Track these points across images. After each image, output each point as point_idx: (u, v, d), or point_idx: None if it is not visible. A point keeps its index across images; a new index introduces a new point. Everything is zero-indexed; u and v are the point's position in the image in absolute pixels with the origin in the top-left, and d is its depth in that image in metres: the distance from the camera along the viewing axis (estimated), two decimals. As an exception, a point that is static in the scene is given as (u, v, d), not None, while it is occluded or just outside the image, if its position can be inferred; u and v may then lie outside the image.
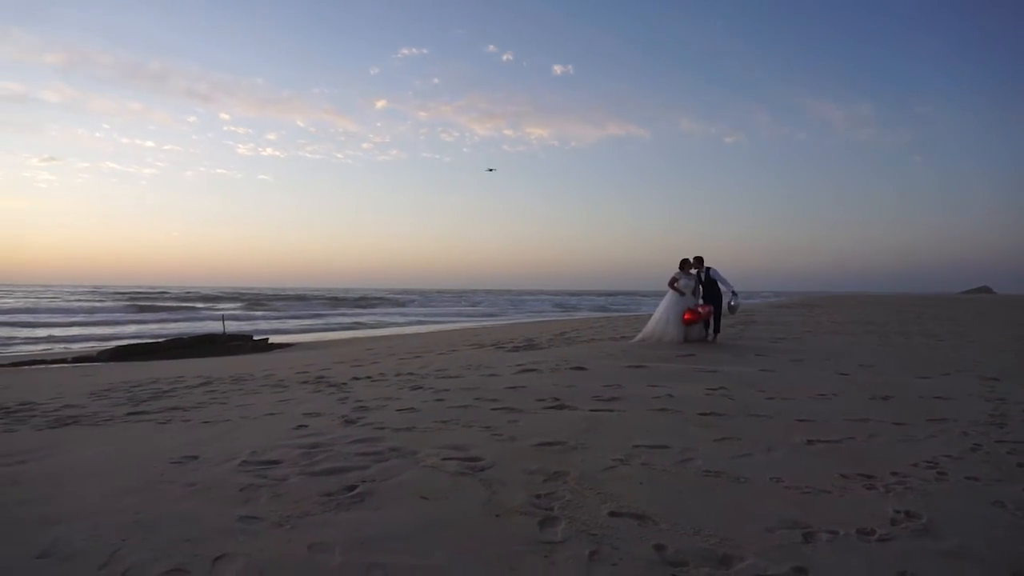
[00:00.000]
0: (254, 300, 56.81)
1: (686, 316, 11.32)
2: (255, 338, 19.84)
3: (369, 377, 8.10)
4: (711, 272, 11.79)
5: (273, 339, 20.38)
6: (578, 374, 7.71)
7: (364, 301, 62.35)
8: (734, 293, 12.02)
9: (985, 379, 7.73)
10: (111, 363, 14.48)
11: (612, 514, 3.01)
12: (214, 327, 23.76)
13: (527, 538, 2.74)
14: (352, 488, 3.40)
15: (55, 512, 3.08)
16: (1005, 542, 2.76)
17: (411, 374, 8.26)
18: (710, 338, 11.78)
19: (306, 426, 5.02)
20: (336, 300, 63.05)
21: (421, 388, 6.87)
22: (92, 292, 70.90)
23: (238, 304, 50.45)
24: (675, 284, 11.51)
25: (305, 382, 7.91)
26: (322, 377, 8.34)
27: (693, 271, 11.64)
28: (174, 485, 3.52)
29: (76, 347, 19.15)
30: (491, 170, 71.50)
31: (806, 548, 2.66)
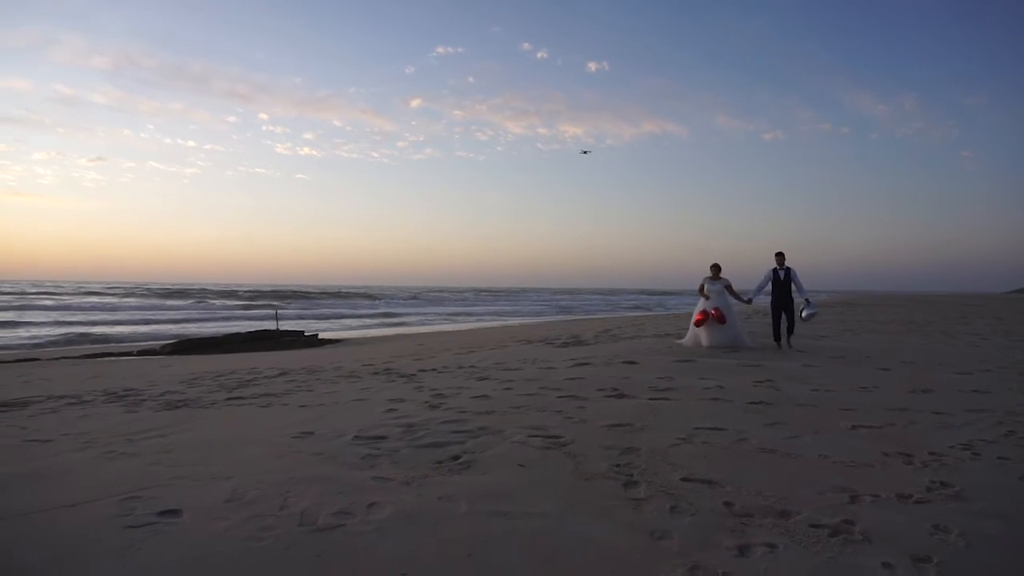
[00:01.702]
0: (293, 297, 58.27)
1: (697, 317, 11.04)
2: (306, 334, 20.73)
3: (434, 369, 8.74)
4: (791, 272, 10.98)
5: (322, 335, 21.24)
6: (630, 367, 8.23)
7: (401, 298, 63.58)
8: (808, 301, 11.15)
9: (1025, 375, 8.02)
10: (175, 356, 15.44)
11: (684, 479, 3.55)
12: (252, 325, 24.79)
13: (616, 495, 3.30)
14: (457, 458, 4.00)
15: (222, 471, 3.74)
16: (1027, 506, 3.22)
17: (472, 367, 8.87)
18: (783, 349, 10.83)
19: (395, 410, 5.65)
20: (373, 297, 64.40)
21: (487, 379, 7.47)
22: (135, 288, 73.40)
23: (278, 301, 51.88)
24: (702, 290, 11.23)
25: (375, 373, 8.58)
26: (389, 369, 9.01)
27: (722, 276, 11.25)
28: (304, 454, 4.16)
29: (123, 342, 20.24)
30: (585, 152, 71.23)
31: (852, 507, 3.16)
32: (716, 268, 11.31)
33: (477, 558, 2.54)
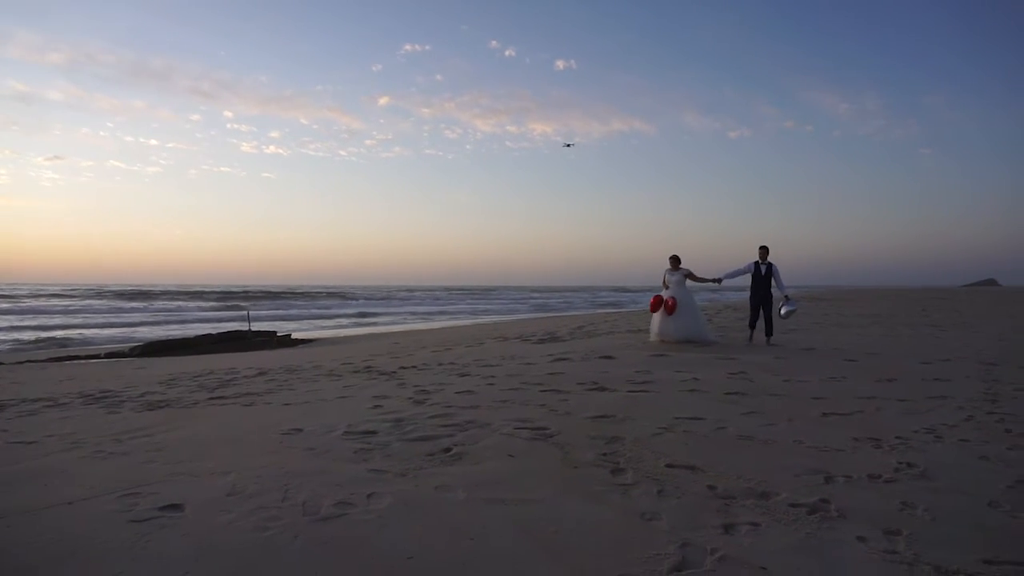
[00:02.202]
0: (262, 297, 57.56)
1: (651, 302, 11.16)
2: (279, 334, 20.58)
3: (414, 366, 8.81)
4: (772, 268, 10.92)
5: (295, 335, 21.10)
6: (608, 362, 8.41)
7: (371, 298, 63.24)
8: (787, 298, 11.21)
9: (983, 364, 8.40)
10: (145, 358, 15.22)
11: (668, 466, 3.71)
12: (219, 326, 24.48)
13: (605, 481, 3.45)
14: (448, 450, 4.11)
15: (218, 467, 3.80)
16: (986, 483, 3.44)
17: (452, 363, 8.97)
18: (756, 343, 10.90)
19: (381, 406, 5.73)
20: (343, 296, 63.92)
21: (468, 375, 7.57)
22: (96, 290, 71.63)
23: (246, 302, 51.15)
24: (664, 281, 11.26)
25: (356, 371, 8.62)
26: (370, 367, 9.05)
27: (682, 266, 11.15)
28: (297, 449, 4.23)
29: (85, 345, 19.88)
30: (568, 145, 70.69)
31: (827, 487, 3.35)
32: (675, 259, 11.26)
33: (479, 541, 2.66)
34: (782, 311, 11.09)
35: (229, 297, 58.09)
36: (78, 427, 5.41)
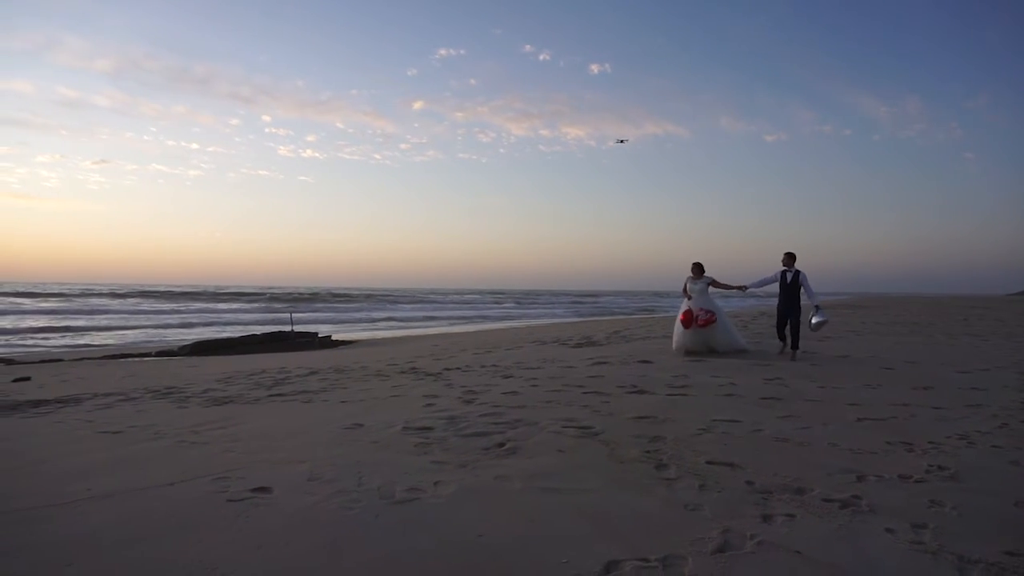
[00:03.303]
0: (297, 300, 58.64)
1: (681, 317, 10.63)
2: (320, 335, 21.21)
3: (458, 368, 9.18)
4: (800, 276, 10.28)
5: (335, 337, 21.70)
6: (646, 366, 8.67)
7: (405, 300, 64.11)
8: (817, 308, 10.45)
9: (1023, 374, 8.43)
10: (194, 356, 15.89)
11: (708, 463, 3.98)
12: (259, 328, 25.23)
13: (650, 475, 3.74)
14: (502, 444, 4.44)
15: (294, 456, 4.19)
16: (1014, 485, 3.64)
17: (494, 366, 9.31)
18: (787, 353, 10.32)
19: (433, 404, 6.08)
20: (376, 299, 64.91)
21: (511, 377, 7.90)
22: (139, 289, 73.77)
23: (281, 303, 52.13)
24: (686, 290, 10.80)
25: (402, 372, 9.02)
26: (415, 368, 9.45)
27: (706, 274, 10.75)
28: (361, 442, 4.60)
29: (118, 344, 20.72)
30: (621, 142, 71.81)
31: (859, 485, 3.59)
32: (698, 267, 10.80)
33: (540, 524, 2.98)
34: (812, 321, 10.38)
35: (268, 299, 59.40)
36: (155, 419, 5.87)
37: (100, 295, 59.12)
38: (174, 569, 2.55)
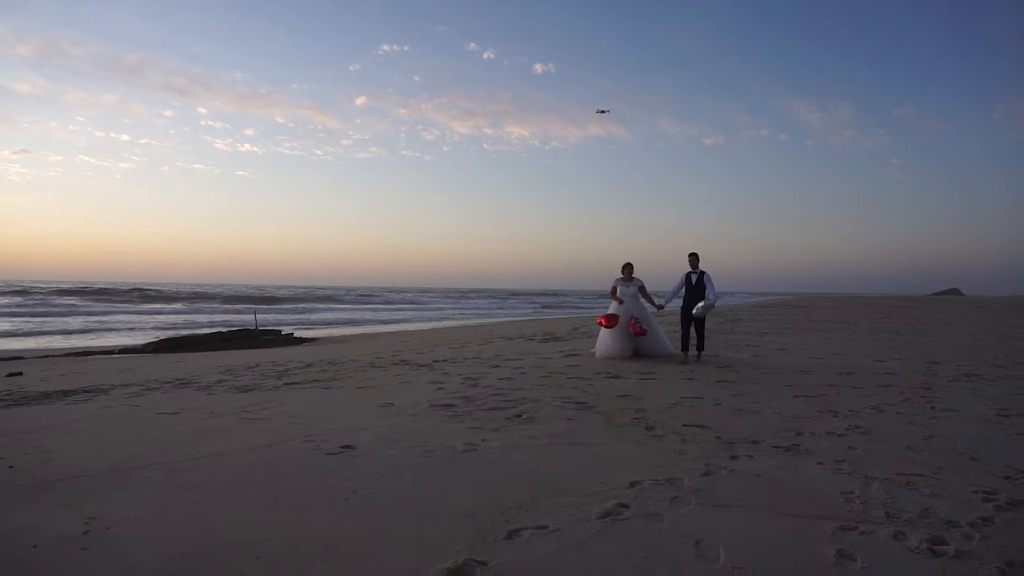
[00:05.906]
0: (234, 297, 57.05)
1: (604, 322, 10.22)
2: (283, 333, 21.75)
3: (445, 360, 10.17)
4: (705, 276, 9.96)
5: (297, 334, 22.26)
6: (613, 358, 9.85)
7: (349, 299, 64.03)
8: (710, 303, 9.79)
9: (928, 362, 10.01)
10: (162, 353, 16.31)
11: (685, 425, 5.16)
12: (190, 326, 25.48)
13: (643, 434, 4.88)
14: (520, 415, 5.51)
15: (354, 425, 5.14)
16: (908, 435, 4.93)
17: (476, 358, 10.33)
18: (692, 357, 9.80)
19: (443, 388, 7.08)
20: (318, 297, 64.67)
21: (499, 367, 8.96)
22: (63, 287, 70.87)
23: (218, 301, 50.46)
24: (615, 292, 10.43)
25: (395, 364, 9.94)
26: (404, 361, 10.37)
27: (634, 276, 10.46)
28: (403, 415, 5.58)
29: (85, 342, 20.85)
30: (603, 112, 70.34)
31: (798, 438, 4.81)
32: (629, 267, 10.44)
33: (573, 460, 4.07)
34: (699, 305, 9.69)
35: (198, 297, 56.54)
36: (199, 403, 6.65)
37: (23, 292, 55.71)
38: (330, 493, 3.50)
